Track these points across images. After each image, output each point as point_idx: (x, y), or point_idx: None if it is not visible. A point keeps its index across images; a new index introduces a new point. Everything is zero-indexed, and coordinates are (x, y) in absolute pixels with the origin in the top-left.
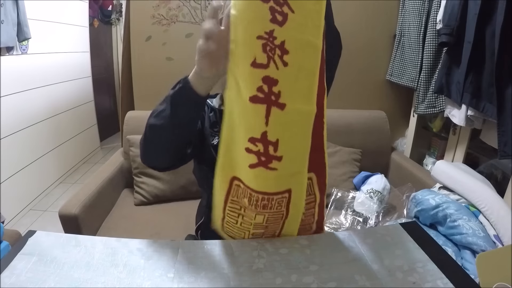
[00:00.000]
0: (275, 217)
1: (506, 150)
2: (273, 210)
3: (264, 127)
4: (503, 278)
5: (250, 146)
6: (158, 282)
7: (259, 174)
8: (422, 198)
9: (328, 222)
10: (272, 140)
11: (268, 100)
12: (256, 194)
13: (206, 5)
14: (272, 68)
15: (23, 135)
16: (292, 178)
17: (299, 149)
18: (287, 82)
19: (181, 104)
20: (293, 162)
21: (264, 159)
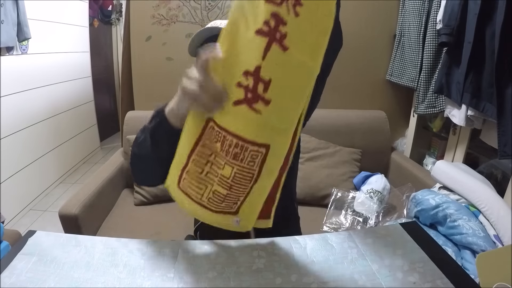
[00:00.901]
0: (244, 175)
1: (506, 150)
2: (244, 164)
3: (260, 61)
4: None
5: (242, 79)
6: (158, 282)
7: (240, 113)
8: (422, 198)
9: (328, 222)
10: (265, 78)
11: (272, 36)
12: (230, 137)
13: (206, 5)
14: (284, 9)
15: (23, 135)
16: (274, 133)
17: (291, 103)
18: (296, 30)
19: (159, 137)
20: (281, 114)
21: (251, 96)
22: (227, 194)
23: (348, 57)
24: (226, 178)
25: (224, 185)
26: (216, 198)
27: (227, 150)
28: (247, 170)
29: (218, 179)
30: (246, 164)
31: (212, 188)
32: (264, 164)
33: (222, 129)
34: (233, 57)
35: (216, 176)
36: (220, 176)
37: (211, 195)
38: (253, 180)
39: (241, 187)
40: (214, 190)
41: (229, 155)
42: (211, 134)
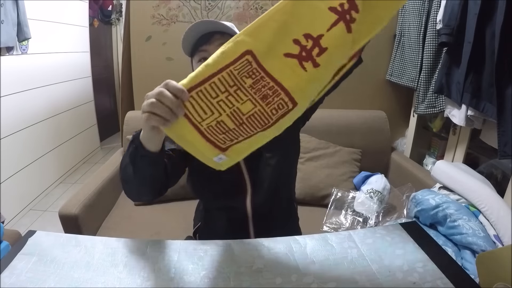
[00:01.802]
0: (261, 118)
1: (506, 150)
2: (268, 108)
3: (324, 31)
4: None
5: (301, 39)
6: (158, 282)
7: (288, 64)
8: (422, 198)
9: (328, 222)
10: (323, 46)
11: (342, 16)
12: (268, 79)
13: (206, 5)
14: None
15: (23, 135)
16: (307, 94)
17: (328, 75)
18: (364, 16)
19: (138, 162)
20: (320, 83)
21: (304, 55)
22: (233, 128)
23: None
24: (241, 114)
25: (235, 119)
26: (218, 129)
27: (258, 89)
28: (266, 115)
29: (231, 111)
30: (269, 109)
31: (219, 118)
32: (282, 118)
33: (262, 69)
34: (295, 17)
35: (229, 108)
36: (235, 109)
37: (213, 124)
38: (264, 127)
39: (249, 128)
40: (220, 120)
41: (258, 93)
42: (244, 68)
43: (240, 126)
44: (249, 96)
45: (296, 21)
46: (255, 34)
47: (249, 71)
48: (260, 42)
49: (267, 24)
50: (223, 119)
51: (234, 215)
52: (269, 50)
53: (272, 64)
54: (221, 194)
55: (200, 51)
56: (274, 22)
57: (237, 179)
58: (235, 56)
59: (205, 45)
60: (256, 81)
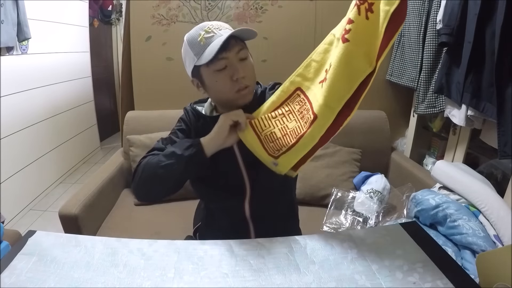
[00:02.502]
0: (298, 131)
1: (506, 150)
2: (302, 123)
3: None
4: (503, 278)
5: (328, 67)
6: (158, 282)
7: (317, 88)
8: (422, 198)
9: (328, 222)
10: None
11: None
12: (308, 104)
13: (206, 5)
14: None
15: (23, 135)
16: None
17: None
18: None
19: (192, 165)
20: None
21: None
22: (279, 138)
23: None
24: (287, 128)
25: (282, 131)
26: (270, 138)
27: (301, 111)
28: (301, 127)
29: (282, 126)
30: (303, 123)
31: (273, 130)
32: (309, 129)
33: (306, 98)
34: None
35: (281, 124)
36: (284, 125)
37: (268, 134)
38: (299, 137)
39: (290, 138)
40: (272, 131)
41: (300, 114)
42: (295, 98)
43: (283, 137)
44: (295, 116)
45: (328, 58)
46: (303, 74)
47: (299, 101)
48: (305, 79)
49: (310, 65)
50: (274, 131)
51: (233, 216)
52: (311, 83)
53: (311, 92)
54: (221, 195)
55: (220, 59)
56: (314, 62)
57: (237, 181)
58: (290, 93)
59: (224, 52)
60: (301, 106)
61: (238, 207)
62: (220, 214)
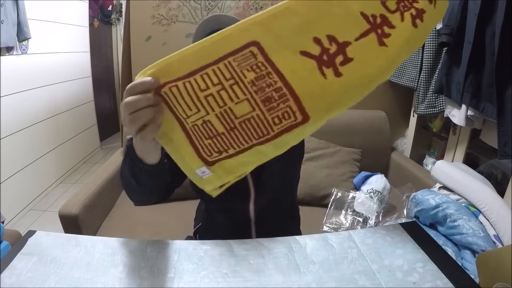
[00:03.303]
0: (257, 127)
1: (506, 150)
2: (268, 115)
3: (353, 40)
4: (503, 278)
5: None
6: (158, 282)
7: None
8: (422, 198)
9: (328, 222)
10: (348, 56)
11: (374, 27)
12: (276, 78)
13: (206, 5)
14: (396, 16)
15: (23, 135)
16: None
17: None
18: (398, 37)
19: (138, 175)
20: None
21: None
22: (221, 133)
23: None
24: (234, 116)
25: (225, 122)
26: (204, 131)
27: (261, 88)
28: (264, 125)
29: (222, 110)
30: (270, 117)
31: (206, 117)
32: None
33: (270, 64)
34: (320, 12)
35: (220, 107)
36: (227, 109)
37: (199, 123)
38: (260, 139)
39: (242, 137)
40: (207, 119)
41: (259, 93)
42: (248, 59)
43: (230, 131)
44: (247, 94)
45: (321, 18)
46: (267, 23)
47: (254, 65)
48: (272, 34)
49: (283, 15)
50: (210, 119)
51: (236, 218)
52: (283, 44)
53: (285, 60)
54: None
55: None
56: (293, 15)
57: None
58: (237, 46)
59: None
60: (259, 77)
61: (241, 211)
62: (222, 217)
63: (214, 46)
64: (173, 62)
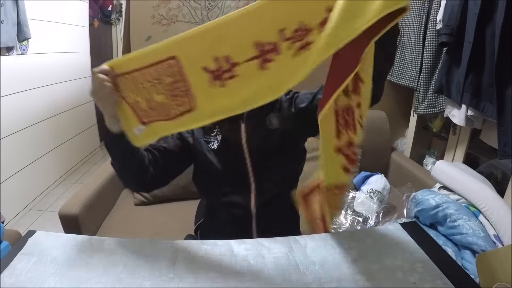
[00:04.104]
0: (165, 110)
1: (506, 150)
2: (172, 102)
3: (242, 62)
4: (503, 278)
5: (221, 59)
6: (158, 282)
7: (202, 78)
8: (422, 198)
9: None
10: (234, 73)
11: (261, 54)
12: (183, 82)
13: (206, 5)
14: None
15: (23, 135)
16: (208, 105)
17: (235, 101)
18: (281, 64)
19: (110, 146)
20: (225, 103)
21: (218, 74)
22: (148, 109)
23: None
24: (155, 102)
25: (149, 104)
26: (137, 106)
27: (174, 87)
28: (169, 109)
29: (148, 97)
30: (175, 104)
31: (138, 98)
32: (182, 116)
33: (181, 74)
34: (222, 38)
35: (148, 94)
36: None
37: (136, 100)
38: (166, 118)
39: (157, 114)
40: (139, 100)
41: (172, 91)
42: (168, 68)
43: (152, 110)
44: (165, 91)
45: (222, 42)
46: (183, 44)
47: (170, 72)
48: (185, 52)
49: (195, 39)
50: (140, 100)
51: (238, 213)
52: (191, 60)
53: (191, 72)
54: (226, 192)
55: None
56: (202, 39)
57: (242, 179)
58: (162, 58)
59: None
60: (174, 81)
61: (243, 205)
62: (224, 211)
63: (151, 54)
64: (125, 60)
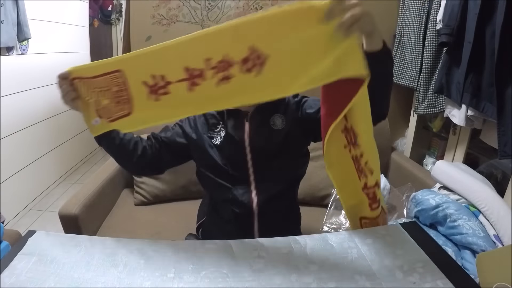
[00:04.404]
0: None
1: (506, 150)
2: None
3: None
4: (503, 278)
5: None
6: (158, 282)
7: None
8: (422, 198)
9: (328, 222)
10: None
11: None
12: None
13: (206, 5)
14: (211, 73)
15: (23, 135)
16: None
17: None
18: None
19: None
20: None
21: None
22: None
23: None
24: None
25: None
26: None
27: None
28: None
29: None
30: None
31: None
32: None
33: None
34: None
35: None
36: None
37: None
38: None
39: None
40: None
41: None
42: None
43: (100, 110)
44: (111, 97)
45: (159, 63)
46: (127, 62)
47: (117, 83)
48: (129, 68)
49: (140, 57)
50: (91, 102)
51: (239, 210)
52: (134, 75)
53: (133, 85)
54: (228, 188)
55: None
56: (145, 59)
57: (243, 176)
58: (111, 70)
59: None
60: (119, 90)
61: (244, 201)
62: (225, 208)
63: (102, 66)
64: (83, 68)
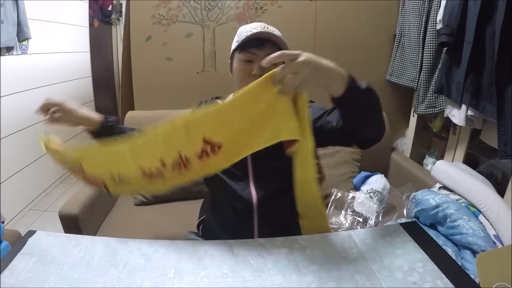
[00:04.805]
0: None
1: (506, 150)
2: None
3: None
4: (503, 278)
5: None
6: (158, 282)
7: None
8: (422, 198)
9: (328, 222)
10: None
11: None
12: (87, 179)
13: (206, 5)
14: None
15: (23, 135)
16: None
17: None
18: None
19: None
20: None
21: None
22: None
23: (348, 57)
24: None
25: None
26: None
27: (85, 177)
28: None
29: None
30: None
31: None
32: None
33: (84, 173)
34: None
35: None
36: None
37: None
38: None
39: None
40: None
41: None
42: (76, 168)
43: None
44: (81, 176)
45: (116, 163)
46: (86, 156)
47: (79, 171)
48: (88, 161)
49: (95, 155)
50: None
51: (239, 207)
52: (93, 165)
53: (93, 171)
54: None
55: (249, 53)
56: (103, 157)
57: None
58: (73, 162)
59: (256, 49)
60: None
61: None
62: (226, 204)
63: (71, 158)
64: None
